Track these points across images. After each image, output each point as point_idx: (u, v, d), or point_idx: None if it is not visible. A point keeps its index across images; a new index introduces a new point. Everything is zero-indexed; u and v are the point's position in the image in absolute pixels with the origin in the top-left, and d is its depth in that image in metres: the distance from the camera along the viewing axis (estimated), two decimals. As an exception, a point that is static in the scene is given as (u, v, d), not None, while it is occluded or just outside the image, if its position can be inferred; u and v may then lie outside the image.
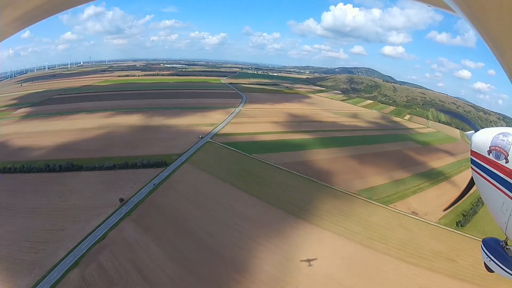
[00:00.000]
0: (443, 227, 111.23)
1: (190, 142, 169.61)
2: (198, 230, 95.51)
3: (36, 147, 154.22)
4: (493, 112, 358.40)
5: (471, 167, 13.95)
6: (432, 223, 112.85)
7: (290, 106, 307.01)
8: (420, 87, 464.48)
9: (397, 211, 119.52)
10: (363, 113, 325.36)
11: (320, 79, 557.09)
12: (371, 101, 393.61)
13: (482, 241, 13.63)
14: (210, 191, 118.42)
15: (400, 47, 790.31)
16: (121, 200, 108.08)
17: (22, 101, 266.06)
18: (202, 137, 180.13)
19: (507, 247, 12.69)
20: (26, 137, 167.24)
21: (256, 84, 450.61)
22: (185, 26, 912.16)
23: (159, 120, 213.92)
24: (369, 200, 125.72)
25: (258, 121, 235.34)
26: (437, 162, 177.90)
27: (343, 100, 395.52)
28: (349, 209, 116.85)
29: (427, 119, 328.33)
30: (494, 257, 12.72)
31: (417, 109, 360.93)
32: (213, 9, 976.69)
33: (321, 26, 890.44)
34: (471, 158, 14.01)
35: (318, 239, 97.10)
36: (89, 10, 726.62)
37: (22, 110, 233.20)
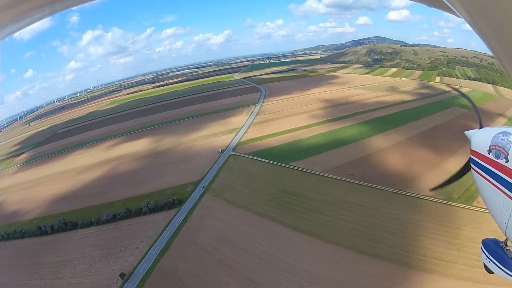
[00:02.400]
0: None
1: (208, 161, 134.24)
2: (238, 315, 60.77)
3: (31, 202, 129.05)
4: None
5: (471, 167, 13.40)
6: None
7: (320, 90, 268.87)
8: (435, 47, 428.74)
9: (482, 210, 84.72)
10: (394, 83, 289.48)
11: (339, 55, 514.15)
12: (395, 69, 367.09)
13: (481, 242, 12.72)
14: (244, 238, 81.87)
15: (405, 10, 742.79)
16: (122, 275, 74.86)
17: (25, 144, 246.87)
18: (222, 151, 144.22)
19: (507, 248, 11.99)
20: (23, 189, 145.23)
21: (273, 73, 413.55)
22: (187, 31, 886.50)
23: (169, 140, 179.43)
24: (451, 203, 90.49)
25: (286, 115, 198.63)
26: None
27: (367, 73, 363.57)
28: (433, 224, 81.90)
29: (457, 78, 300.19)
30: (494, 258, 12.01)
31: (443, 69, 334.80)
32: (211, 9, 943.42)
33: (323, 4, 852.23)
34: (471, 158, 13.50)
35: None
36: (87, 35, 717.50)
37: (24, 156, 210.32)
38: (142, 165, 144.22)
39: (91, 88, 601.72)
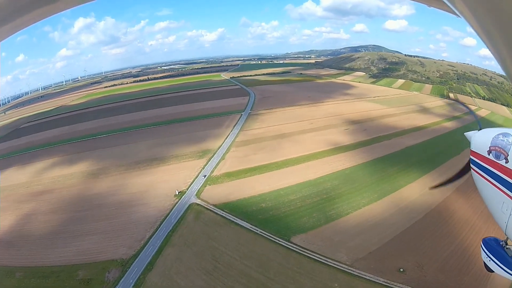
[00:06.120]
0: None
1: (155, 215, 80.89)
2: None
3: None
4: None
5: (471, 167, 12.74)
6: None
7: (325, 101, 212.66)
8: (429, 58, 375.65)
9: None
10: (410, 97, 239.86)
11: (341, 61, 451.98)
12: (403, 80, 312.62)
13: (482, 240, 12.22)
14: None
15: (403, 20, 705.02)
16: None
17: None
18: (181, 194, 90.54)
19: (507, 247, 11.50)
20: None
21: (264, 74, 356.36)
22: (180, 25, 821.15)
23: (114, 163, 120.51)
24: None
25: (283, 133, 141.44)
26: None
27: (372, 83, 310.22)
28: None
29: (471, 96, 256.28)
30: (494, 257, 11.50)
31: (454, 85, 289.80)
32: (207, 4, 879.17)
33: (321, 7, 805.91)
34: (470, 158, 12.88)
35: None
36: (79, 23, 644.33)
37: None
38: (66, 209, 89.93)
39: (79, 78, 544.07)
